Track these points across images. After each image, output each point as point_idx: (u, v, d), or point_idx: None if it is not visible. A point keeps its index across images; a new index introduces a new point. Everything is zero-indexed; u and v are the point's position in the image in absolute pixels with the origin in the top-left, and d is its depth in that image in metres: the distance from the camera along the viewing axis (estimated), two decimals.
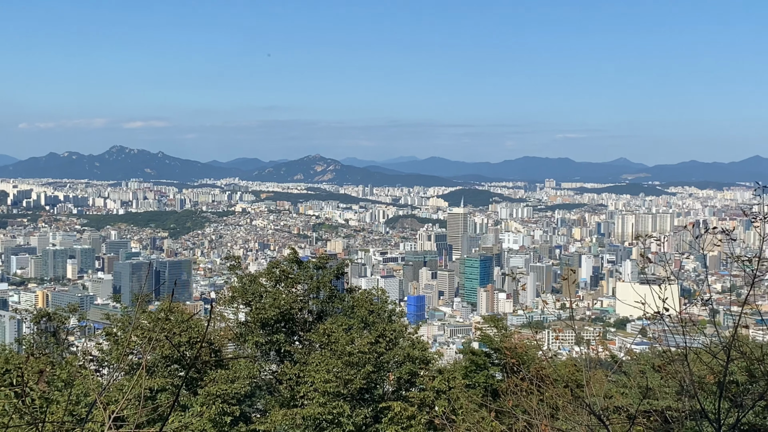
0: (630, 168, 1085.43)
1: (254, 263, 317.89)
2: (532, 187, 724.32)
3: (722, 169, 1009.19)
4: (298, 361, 28.00)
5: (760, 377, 12.74)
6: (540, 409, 16.02)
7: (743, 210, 13.01)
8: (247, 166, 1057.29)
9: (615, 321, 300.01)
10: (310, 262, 32.45)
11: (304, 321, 30.89)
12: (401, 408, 24.46)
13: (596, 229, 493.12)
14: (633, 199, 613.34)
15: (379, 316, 29.02)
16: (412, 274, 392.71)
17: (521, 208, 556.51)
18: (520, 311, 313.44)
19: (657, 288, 12.24)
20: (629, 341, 51.23)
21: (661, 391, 21.04)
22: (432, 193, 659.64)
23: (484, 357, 31.65)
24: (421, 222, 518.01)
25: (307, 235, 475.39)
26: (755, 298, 12.96)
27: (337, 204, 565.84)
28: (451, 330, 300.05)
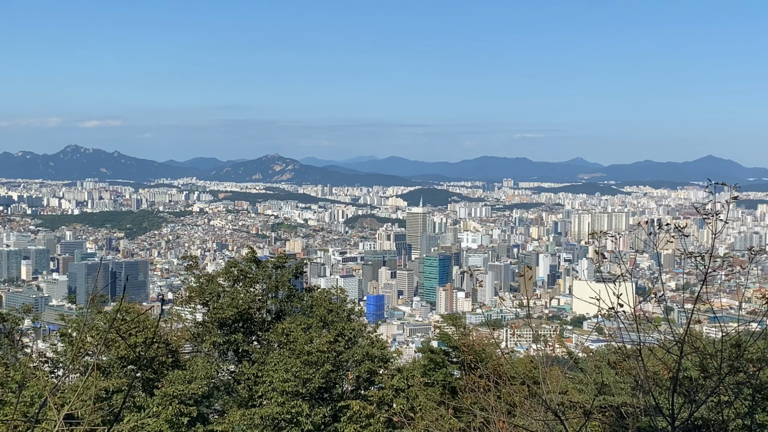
0: (586, 168, 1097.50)
1: (212, 263, 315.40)
2: (490, 187, 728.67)
3: (676, 168, 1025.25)
4: (257, 360, 27.85)
5: (713, 373, 12.94)
6: (497, 406, 16.13)
7: (696, 208, 13.18)
8: (204, 165, 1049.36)
9: (572, 319, 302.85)
10: (268, 262, 32.30)
11: (263, 320, 30.72)
12: (360, 407, 24.45)
13: (553, 228, 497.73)
14: (589, 198, 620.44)
15: (338, 315, 28.96)
16: (372, 273, 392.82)
17: (480, 208, 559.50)
18: (478, 310, 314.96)
19: (612, 285, 12.38)
20: (585, 338, 51.88)
21: (617, 387, 21.30)
22: (391, 192, 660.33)
23: (443, 355, 31.78)
24: (380, 221, 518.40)
25: (265, 235, 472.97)
26: (708, 295, 13.19)
27: (296, 204, 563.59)
28: (410, 329, 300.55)
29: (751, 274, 26.56)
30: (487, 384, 17.50)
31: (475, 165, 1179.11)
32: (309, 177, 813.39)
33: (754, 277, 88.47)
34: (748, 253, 13.37)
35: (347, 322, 28.35)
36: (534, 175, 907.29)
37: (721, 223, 12.24)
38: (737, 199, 12.23)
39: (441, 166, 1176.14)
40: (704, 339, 22.51)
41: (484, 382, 17.92)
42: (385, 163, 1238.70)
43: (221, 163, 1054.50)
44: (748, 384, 14.14)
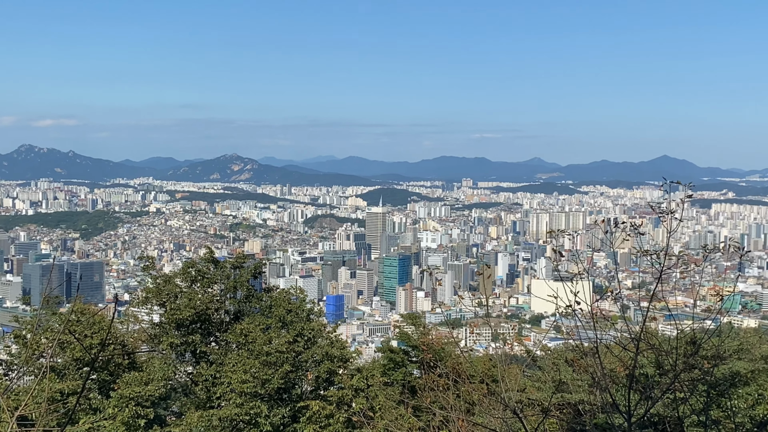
0: (544, 168, 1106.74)
1: (169, 264, 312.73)
2: (449, 187, 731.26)
3: (632, 168, 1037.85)
4: (215, 361, 27.65)
5: (669, 369, 13.11)
6: (457, 404, 16.19)
7: (652, 207, 13.33)
8: (161, 165, 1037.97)
9: (530, 317, 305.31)
10: (226, 262, 32.06)
11: (221, 321, 30.49)
12: (319, 407, 24.39)
13: (512, 227, 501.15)
14: (547, 197, 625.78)
15: (298, 315, 28.84)
16: (331, 273, 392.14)
17: (439, 207, 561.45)
18: (438, 309, 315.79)
19: (570, 284, 12.47)
20: (543, 337, 52.20)
21: (574, 384, 21.48)
22: (351, 192, 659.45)
23: (403, 355, 31.81)
24: (340, 221, 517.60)
25: (224, 235, 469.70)
26: (663, 293, 13.35)
27: (255, 204, 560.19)
28: (370, 329, 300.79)
29: (705, 272, 26.99)
30: (446, 383, 17.55)
31: (435, 165, 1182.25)
32: (268, 177, 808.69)
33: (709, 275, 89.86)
34: (702, 251, 13.54)
35: (306, 323, 28.26)
36: (493, 175, 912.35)
37: (676, 222, 12.40)
38: (691, 198, 12.38)
39: (400, 166, 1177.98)
40: (660, 336, 22.78)
41: (443, 380, 17.97)
42: (345, 162, 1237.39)
43: (178, 162, 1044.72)
44: (703, 380, 14.35)
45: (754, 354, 26.90)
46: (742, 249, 13.80)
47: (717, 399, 21.23)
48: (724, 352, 23.87)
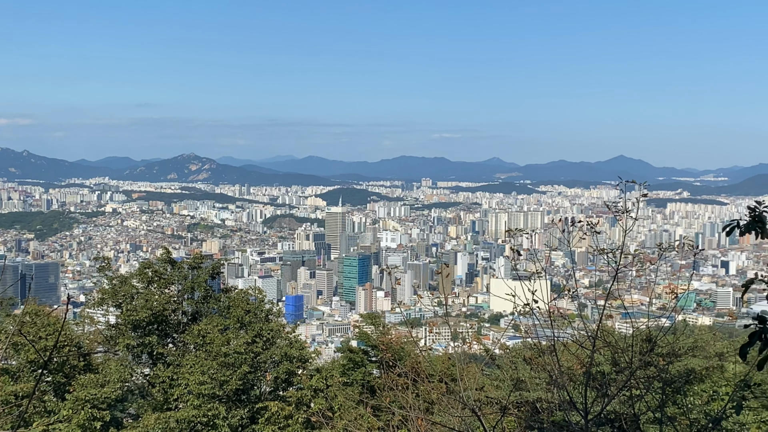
0: (503, 167, 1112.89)
1: (126, 265, 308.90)
2: (409, 186, 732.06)
3: (589, 168, 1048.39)
4: (172, 363, 27.40)
5: (625, 367, 13.23)
6: (416, 403, 16.18)
7: (608, 206, 13.47)
8: (117, 165, 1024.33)
9: (489, 316, 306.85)
10: (184, 263, 31.78)
11: (178, 322, 30.23)
12: (278, 408, 24.29)
13: (471, 227, 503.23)
14: (506, 197, 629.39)
15: (256, 316, 28.68)
16: (291, 273, 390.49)
17: (399, 207, 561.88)
18: (397, 308, 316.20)
19: (528, 283, 12.54)
20: (501, 335, 52.55)
21: (532, 382, 21.62)
22: (310, 192, 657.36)
23: (362, 354, 31.81)
24: (299, 221, 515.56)
25: (181, 235, 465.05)
26: (619, 291, 13.48)
27: (213, 204, 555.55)
28: (329, 329, 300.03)
29: (660, 270, 27.39)
30: (405, 382, 17.54)
31: (394, 164, 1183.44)
32: (226, 177, 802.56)
33: (664, 273, 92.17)
34: (658, 250, 13.71)
35: (265, 323, 28.12)
36: (452, 175, 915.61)
37: (632, 221, 12.53)
38: (647, 197, 12.53)
39: (360, 166, 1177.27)
40: (616, 334, 23.03)
41: (402, 380, 17.96)
42: (304, 162, 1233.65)
43: (135, 162, 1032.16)
44: (659, 378, 14.50)
45: (709, 351, 27.30)
46: (696, 248, 14.00)
47: (672, 396, 21.50)
48: (679, 349, 24.20)
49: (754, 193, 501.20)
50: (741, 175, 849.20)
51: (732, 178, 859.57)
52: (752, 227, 7.63)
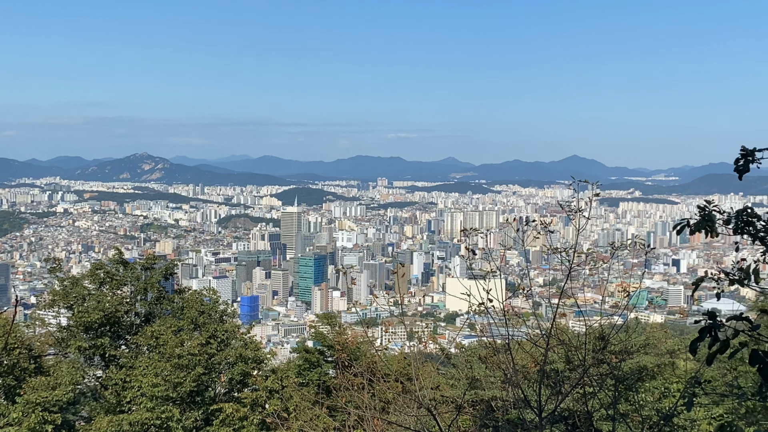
0: (458, 167, 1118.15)
1: (77, 266, 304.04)
2: (365, 186, 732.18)
3: (543, 168, 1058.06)
4: (125, 365, 27.06)
5: (578, 364, 13.35)
6: (372, 403, 16.16)
7: (561, 206, 13.60)
8: (69, 164, 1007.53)
9: (445, 315, 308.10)
10: (136, 263, 31.43)
11: (131, 324, 29.89)
12: (233, 409, 24.13)
13: (427, 226, 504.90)
14: (461, 197, 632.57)
15: (210, 317, 28.46)
16: (246, 274, 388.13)
17: (354, 207, 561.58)
18: (353, 308, 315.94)
19: (483, 282, 12.59)
20: (457, 334, 52.81)
21: (487, 381, 21.74)
22: (265, 192, 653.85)
23: (318, 355, 31.72)
24: (254, 221, 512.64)
25: (134, 236, 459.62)
26: (573, 289, 13.59)
27: (167, 204, 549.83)
28: (285, 329, 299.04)
29: (613, 269, 27.75)
30: (361, 382, 17.52)
31: (350, 164, 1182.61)
32: (180, 176, 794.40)
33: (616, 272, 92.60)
34: (610, 248, 13.87)
35: (219, 324, 27.93)
36: (408, 175, 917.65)
37: (585, 220, 12.65)
38: (599, 196, 12.67)
39: (316, 166, 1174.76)
40: (570, 332, 23.26)
41: (358, 380, 17.93)
42: (259, 162, 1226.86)
43: (87, 162, 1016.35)
44: (611, 375, 14.66)
45: (660, 348, 27.72)
46: (647, 246, 14.19)
47: (625, 393, 21.75)
48: (631, 347, 24.53)
49: (704, 193, 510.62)
50: (691, 174, 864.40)
51: (683, 177, 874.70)
52: (702, 226, 7.73)
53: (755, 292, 8.52)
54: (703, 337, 6.33)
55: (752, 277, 7.32)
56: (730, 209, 7.91)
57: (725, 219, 7.81)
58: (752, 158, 7.83)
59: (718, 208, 7.84)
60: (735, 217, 7.76)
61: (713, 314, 6.30)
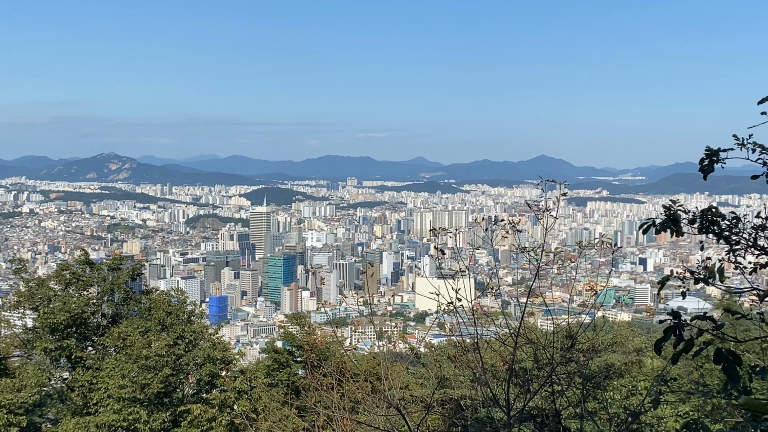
0: (427, 167, 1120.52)
1: (43, 267, 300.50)
2: (334, 186, 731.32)
3: (512, 167, 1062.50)
4: (91, 366, 26.84)
5: (546, 363, 13.42)
6: (341, 403, 16.14)
7: (529, 205, 13.68)
8: (34, 164, 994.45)
9: (415, 315, 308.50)
10: (103, 264, 31.16)
11: (98, 325, 29.63)
12: (201, 410, 24.00)
13: (396, 226, 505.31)
14: (431, 196, 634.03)
15: (178, 317, 28.29)
16: (214, 274, 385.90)
17: (324, 207, 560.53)
18: (323, 308, 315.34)
19: (452, 281, 12.62)
20: (426, 333, 52.90)
21: (456, 380, 21.79)
22: (234, 192, 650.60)
23: (287, 355, 31.62)
24: (223, 221, 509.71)
25: (101, 236, 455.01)
26: (541, 288, 13.67)
27: (134, 204, 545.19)
28: (254, 330, 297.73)
29: (581, 268, 27.95)
30: (330, 382, 17.49)
31: (319, 164, 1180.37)
32: (147, 176, 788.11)
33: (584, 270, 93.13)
34: (578, 247, 13.96)
35: (187, 325, 27.78)
36: (377, 174, 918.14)
37: (552, 219, 12.73)
38: (566, 196, 12.74)
39: (285, 165, 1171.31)
40: (538, 331, 23.39)
41: (327, 380, 17.91)
42: (228, 161, 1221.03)
43: (52, 161, 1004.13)
44: (579, 373, 14.75)
45: (627, 347, 27.98)
46: (614, 245, 14.30)
47: (593, 391, 21.93)
48: (599, 345, 24.72)
49: (670, 192, 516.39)
50: (658, 174, 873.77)
51: (649, 177, 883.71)
52: (667, 226, 7.80)
53: (721, 291, 8.62)
54: (668, 336, 6.38)
55: (717, 276, 7.39)
56: (695, 209, 7.98)
57: (690, 218, 7.88)
58: (717, 158, 7.92)
59: (683, 207, 7.91)
60: (700, 217, 7.84)
61: (678, 314, 6.35)
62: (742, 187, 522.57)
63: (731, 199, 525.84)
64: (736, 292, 8.39)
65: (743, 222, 7.82)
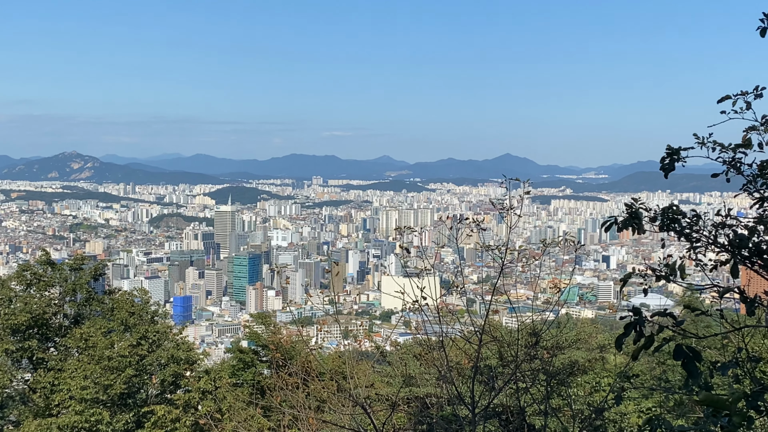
0: (393, 165, 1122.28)
1: (4, 267, 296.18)
2: (300, 185, 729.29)
3: (477, 166, 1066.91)
4: (53, 368, 26.54)
5: (511, 360, 13.50)
6: (306, 402, 16.11)
7: (493, 203, 13.74)
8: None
9: (381, 313, 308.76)
10: (65, 264, 30.79)
11: (60, 326, 29.29)
12: (165, 411, 23.81)
13: (362, 225, 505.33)
14: (396, 195, 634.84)
15: (141, 317, 28.04)
16: (179, 274, 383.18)
17: (289, 206, 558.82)
18: (289, 308, 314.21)
19: (417, 280, 12.65)
20: (391, 332, 52.90)
21: (422, 378, 21.85)
22: (198, 191, 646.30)
23: (252, 355, 31.50)
24: (187, 221, 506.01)
25: (63, 236, 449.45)
26: (506, 286, 13.73)
27: (97, 203, 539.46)
28: (219, 329, 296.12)
29: (545, 265, 28.06)
30: (296, 381, 17.44)
31: (285, 163, 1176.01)
32: (110, 175, 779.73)
33: (548, 268, 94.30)
34: (542, 245, 14.05)
35: (151, 325, 27.55)
36: (343, 173, 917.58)
37: (516, 218, 12.80)
38: (530, 194, 12.83)
39: (250, 164, 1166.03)
40: (503, 329, 23.53)
41: (293, 379, 17.85)
42: (192, 160, 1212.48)
43: (14, 161, 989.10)
44: (544, 370, 14.85)
45: (591, 344, 28.25)
46: (578, 243, 14.42)
47: (557, 388, 22.09)
48: (563, 342, 24.94)
49: (632, 190, 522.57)
50: (620, 172, 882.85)
51: (612, 175, 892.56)
52: (629, 224, 7.87)
53: (682, 288, 8.73)
54: (629, 332, 6.43)
55: (678, 273, 7.47)
56: (656, 207, 8.07)
57: (651, 216, 7.96)
58: (677, 157, 8.02)
59: (644, 205, 7.99)
60: (661, 215, 7.92)
61: (638, 310, 6.40)
62: (703, 185, 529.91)
63: (692, 197, 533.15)
64: (697, 289, 8.51)
65: (703, 220, 7.92)
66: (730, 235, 7.46)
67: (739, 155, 7.96)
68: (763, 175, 7.79)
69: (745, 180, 7.95)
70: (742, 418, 5.09)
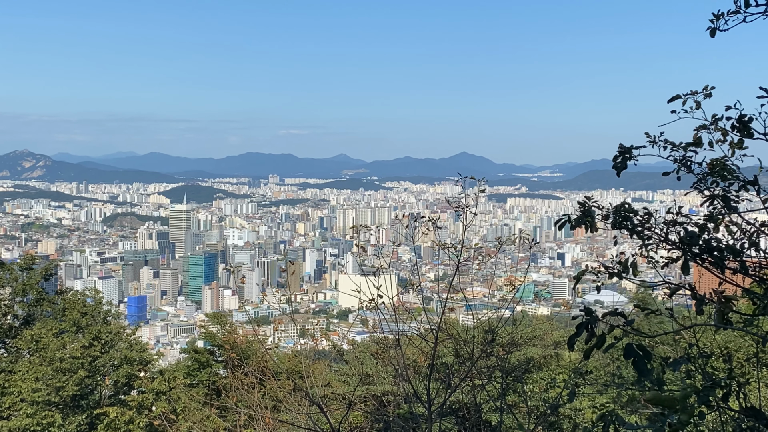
0: (350, 164, 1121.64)
1: None
2: (256, 183, 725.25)
3: (434, 164, 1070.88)
4: (4, 370, 26.03)
5: (467, 358, 13.55)
6: (263, 402, 16.02)
7: (449, 202, 13.80)
8: None
9: (338, 312, 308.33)
10: (14, 264, 30.24)
11: (10, 327, 28.78)
12: (118, 413, 23.51)
13: (319, 223, 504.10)
14: (353, 193, 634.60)
15: (94, 318, 27.65)
16: (133, 273, 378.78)
17: (246, 204, 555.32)
18: (245, 307, 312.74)
19: (374, 278, 12.64)
20: (348, 330, 52.85)
21: (379, 376, 21.86)
22: (153, 189, 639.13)
23: (208, 355, 31.26)
24: (141, 220, 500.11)
25: (15, 236, 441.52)
26: (462, 284, 13.79)
27: (49, 202, 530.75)
28: (174, 329, 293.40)
29: (500, 263, 28.42)
30: (252, 381, 17.34)
31: (241, 161, 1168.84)
32: (62, 174, 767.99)
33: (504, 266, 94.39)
34: (498, 243, 14.13)
35: (103, 325, 27.19)
36: (299, 171, 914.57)
37: (472, 216, 12.85)
38: (485, 192, 12.88)
39: (205, 162, 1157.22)
40: (459, 326, 23.64)
41: (249, 379, 17.74)
42: (146, 159, 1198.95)
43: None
44: (499, 367, 14.94)
45: (546, 340, 28.52)
46: (533, 241, 14.53)
47: (513, 384, 22.25)
48: (518, 339, 25.10)
49: (587, 188, 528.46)
50: (575, 171, 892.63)
51: (567, 173, 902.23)
52: (582, 221, 7.93)
53: (636, 285, 8.83)
54: (581, 332, 6.47)
55: (630, 271, 7.55)
56: (609, 205, 8.14)
57: (604, 214, 8.03)
58: (630, 155, 8.10)
59: (597, 203, 8.05)
60: (613, 213, 7.99)
61: (589, 310, 6.45)
62: (656, 183, 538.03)
63: (645, 194, 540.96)
64: (649, 286, 8.61)
65: (655, 217, 8.00)
66: (681, 233, 7.54)
67: (690, 154, 8.06)
68: (713, 173, 7.89)
69: (695, 178, 8.04)
70: (690, 415, 5.15)
